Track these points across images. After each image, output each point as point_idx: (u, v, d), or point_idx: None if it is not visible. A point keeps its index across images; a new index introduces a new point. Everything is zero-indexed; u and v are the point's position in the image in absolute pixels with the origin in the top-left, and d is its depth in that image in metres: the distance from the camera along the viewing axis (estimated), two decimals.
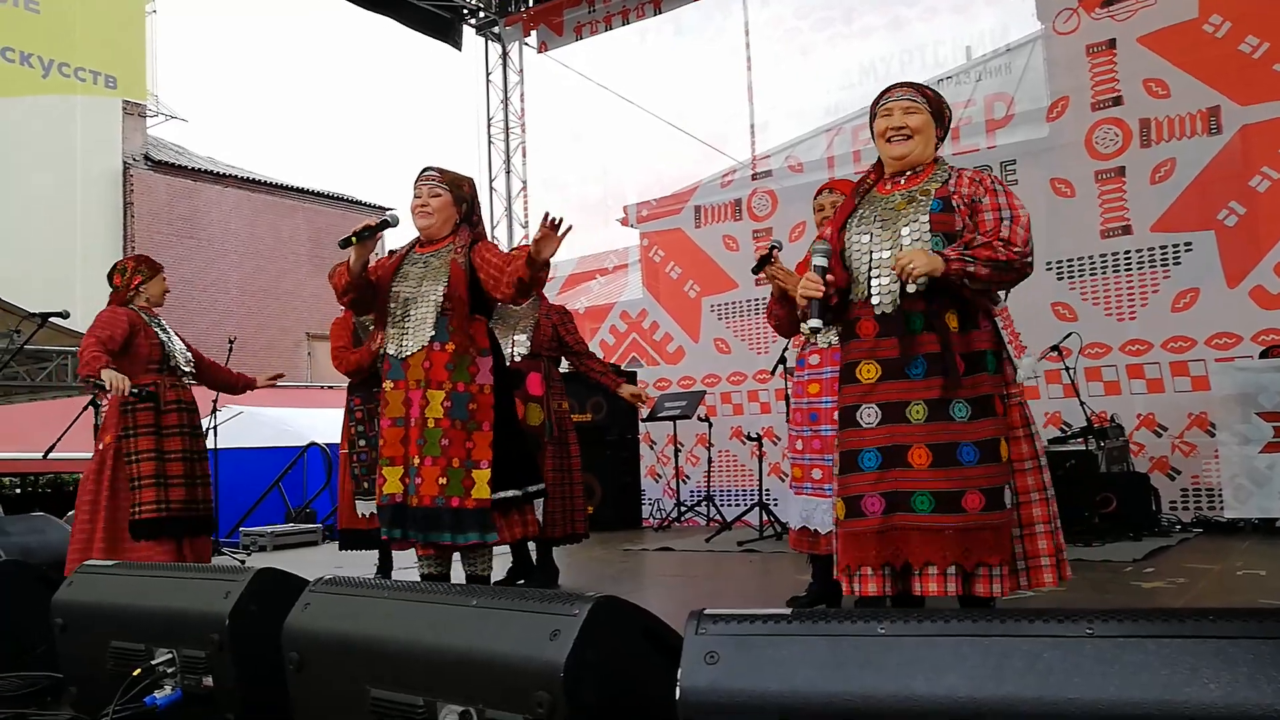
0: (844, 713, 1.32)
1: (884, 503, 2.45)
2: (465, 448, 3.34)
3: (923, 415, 2.45)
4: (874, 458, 2.48)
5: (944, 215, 2.51)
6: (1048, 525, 2.51)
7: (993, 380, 2.48)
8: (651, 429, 8.42)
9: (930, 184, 2.58)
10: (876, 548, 2.45)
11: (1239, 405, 5.62)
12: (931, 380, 2.45)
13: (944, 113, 2.68)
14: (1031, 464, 2.52)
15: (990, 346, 2.51)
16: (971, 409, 2.43)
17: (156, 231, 16.90)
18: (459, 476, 3.31)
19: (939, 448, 2.42)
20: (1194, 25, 6.47)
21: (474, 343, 3.42)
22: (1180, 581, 4.11)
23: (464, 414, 3.35)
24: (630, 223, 9.63)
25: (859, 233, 2.62)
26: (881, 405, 2.49)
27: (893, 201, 2.60)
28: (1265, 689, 1.16)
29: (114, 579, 2.66)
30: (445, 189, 3.51)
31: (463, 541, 3.31)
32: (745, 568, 5.42)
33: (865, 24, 8.33)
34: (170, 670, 2.37)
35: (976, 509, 2.38)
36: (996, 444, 2.43)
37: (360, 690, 1.91)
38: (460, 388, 3.37)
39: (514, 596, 1.81)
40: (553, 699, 1.58)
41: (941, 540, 2.39)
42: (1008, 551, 2.42)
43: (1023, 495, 2.50)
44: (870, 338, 2.54)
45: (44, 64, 12.22)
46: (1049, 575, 2.49)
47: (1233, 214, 6.29)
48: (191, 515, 4.36)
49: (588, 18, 9.47)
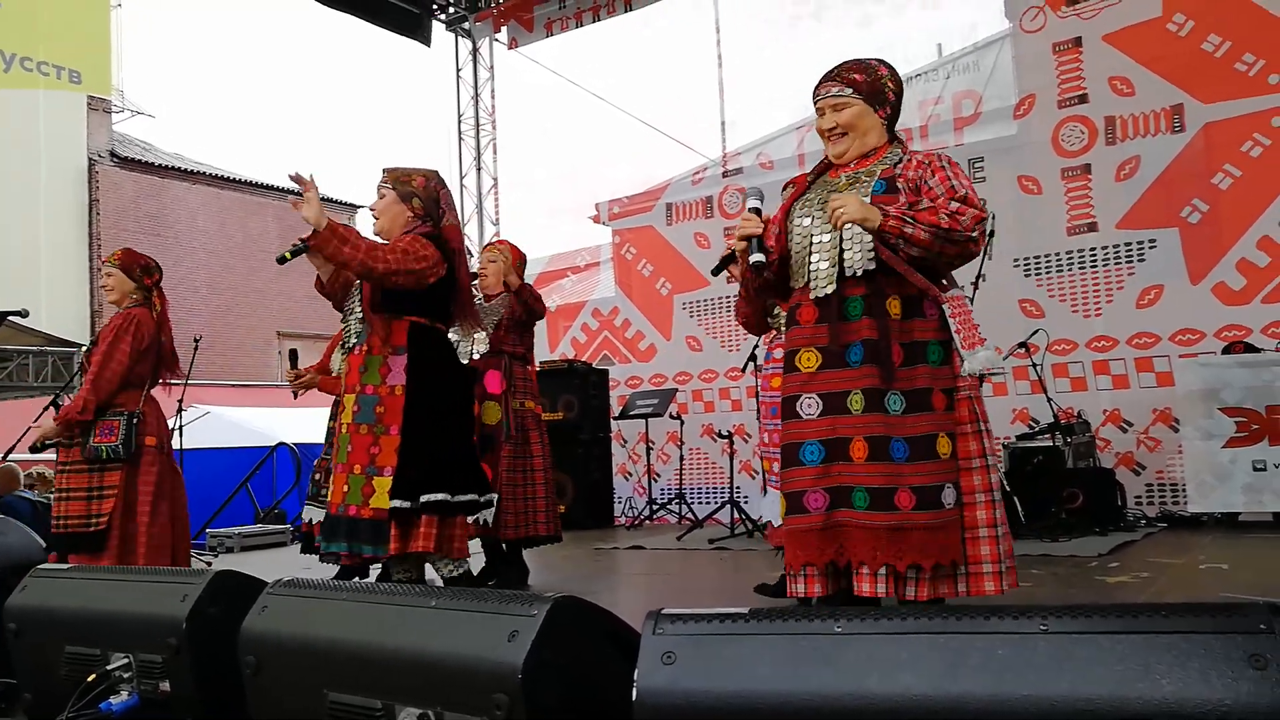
0: (800, 712, 1.32)
1: (827, 499, 2.33)
2: (369, 453, 3.19)
3: (860, 406, 2.32)
4: (816, 451, 2.35)
5: (886, 196, 2.38)
6: (992, 530, 2.33)
7: (933, 372, 2.34)
8: (623, 427, 8.41)
9: (878, 165, 2.47)
10: (819, 545, 2.32)
11: (1202, 401, 5.69)
12: (868, 369, 2.32)
13: (883, 90, 2.51)
14: (979, 462, 2.36)
15: (935, 337, 2.37)
16: (906, 402, 2.31)
17: (123, 229, 16.67)
18: (359, 484, 3.17)
19: (874, 440, 2.30)
20: (1158, 24, 6.54)
21: (388, 342, 3.26)
22: (1144, 576, 4.15)
23: (370, 417, 3.21)
24: (602, 220, 9.62)
25: (800, 216, 2.51)
26: (822, 395, 2.37)
27: (836, 184, 2.50)
28: (1217, 684, 1.16)
29: (69, 583, 2.61)
30: (389, 188, 3.41)
31: (356, 553, 3.17)
32: (716, 565, 5.42)
33: (835, 20, 8.41)
34: (126, 675, 2.33)
35: (908, 508, 2.25)
36: (932, 440, 2.29)
37: (318, 693, 1.88)
38: (369, 390, 3.24)
39: (472, 598, 1.79)
40: (511, 701, 1.56)
41: (874, 539, 2.26)
42: (948, 554, 2.27)
43: (967, 495, 2.33)
44: (810, 324, 2.43)
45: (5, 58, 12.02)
46: (990, 583, 2.31)
47: (1196, 211, 6.37)
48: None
49: (558, 14, 9.44)
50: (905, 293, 2.37)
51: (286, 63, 54.43)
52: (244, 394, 15.06)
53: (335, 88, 55.73)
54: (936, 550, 2.26)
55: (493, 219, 10.03)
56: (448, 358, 3.42)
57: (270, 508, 8.95)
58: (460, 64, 10.17)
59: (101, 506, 3.93)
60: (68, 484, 3.99)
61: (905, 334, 2.35)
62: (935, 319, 2.38)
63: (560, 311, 10.12)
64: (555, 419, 7.71)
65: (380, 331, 3.26)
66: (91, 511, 3.94)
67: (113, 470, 3.97)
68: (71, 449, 4.02)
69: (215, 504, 8.63)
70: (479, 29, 10.07)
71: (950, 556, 2.28)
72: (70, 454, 4.04)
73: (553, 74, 9.76)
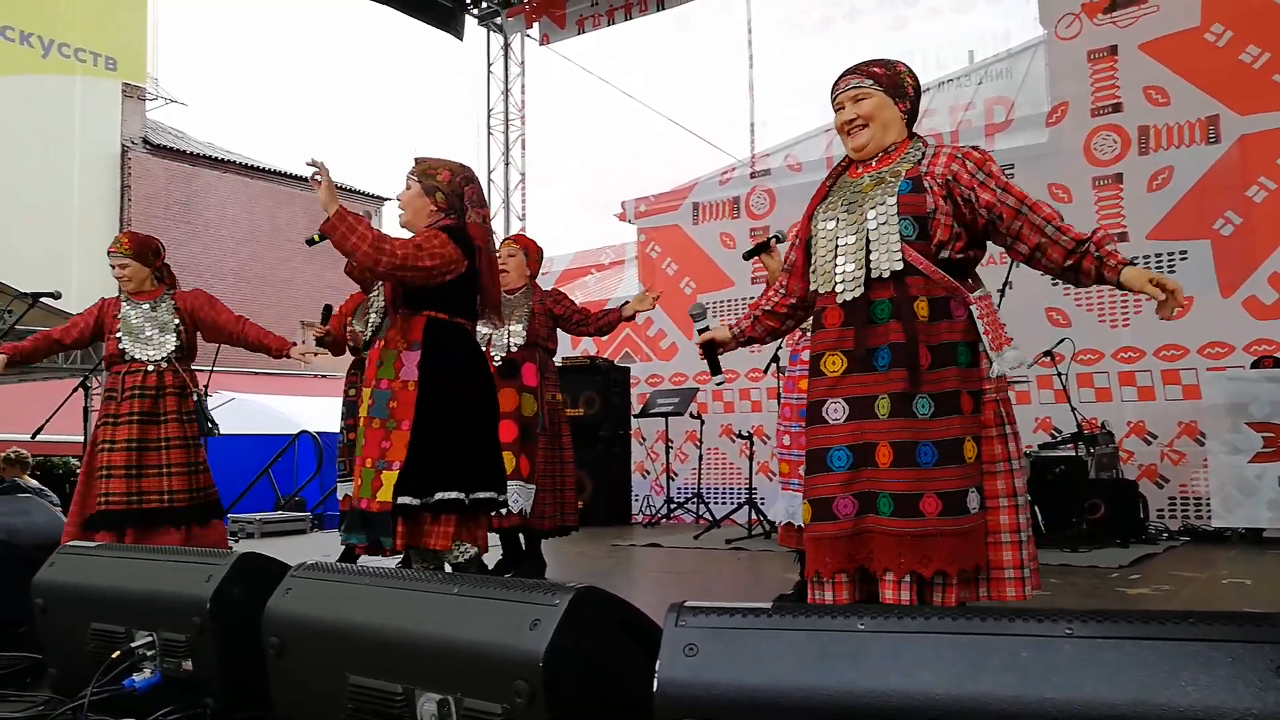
0: (821, 707, 1.32)
1: (856, 505, 2.28)
2: (380, 447, 3.19)
3: (887, 410, 2.27)
4: (844, 457, 2.30)
5: (912, 196, 2.32)
6: (1014, 535, 2.29)
7: (962, 374, 2.29)
8: (642, 425, 8.41)
9: (902, 164, 2.40)
10: (847, 552, 2.28)
11: (1229, 415, 5.63)
12: (895, 372, 2.27)
13: (902, 84, 2.45)
14: (1004, 466, 2.31)
15: (963, 338, 2.32)
16: (935, 405, 2.25)
17: (153, 215, 16.85)
18: (369, 477, 3.18)
19: (900, 446, 2.25)
20: (1195, 34, 6.47)
21: (404, 337, 3.25)
22: (1166, 589, 4.11)
23: (383, 412, 3.21)
24: (628, 218, 9.62)
25: (825, 219, 2.46)
26: (849, 400, 2.32)
27: (860, 184, 2.43)
28: (1243, 693, 1.16)
29: (96, 560, 2.65)
30: (415, 179, 3.37)
31: (374, 543, 3.18)
32: (733, 565, 5.41)
33: (867, 23, 8.33)
34: (150, 653, 2.36)
35: (933, 514, 2.20)
36: (959, 444, 2.25)
37: (339, 676, 1.90)
38: (383, 385, 3.24)
39: (495, 586, 1.80)
40: (531, 689, 1.57)
41: (899, 545, 2.21)
42: (974, 559, 2.24)
43: (991, 500, 2.29)
44: (835, 328, 2.38)
45: (44, 44, 12.16)
46: (1011, 589, 2.28)
47: (1229, 223, 6.30)
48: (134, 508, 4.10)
49: (590, 11, 9.45)
50: (933, 294, 2.32)
51: (319, 54, 54.80)
52: (268, 381, 15.18)
53: (366, 80, 56.05)
54: (963, 556, 2.22)
55: (519, 214, 10.06)
56: (467, 353, 3.37)
57: (291, 495, 9.02)
58: (491, 59, 10.21)
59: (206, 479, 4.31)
60: (198, 457, 4.28)
61: (933, 336, 2.30)
62: (963, 320, 2.33)
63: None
64: (576, 415, 7.73)
65: (399, 326, 3.27)
66: (200, 484, 4.27)
67: (198, 447, 4.32)
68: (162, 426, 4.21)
69: (237, 490, 8.71)
70: (511, 24, 10.10)
71: (975, 561, 2.25)
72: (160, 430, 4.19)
73: (583, 71, 9.79)
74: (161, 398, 4.22)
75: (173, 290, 4.41)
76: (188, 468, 4.22)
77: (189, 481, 4.21)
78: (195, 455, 4.28)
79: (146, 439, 4.16)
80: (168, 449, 4.19)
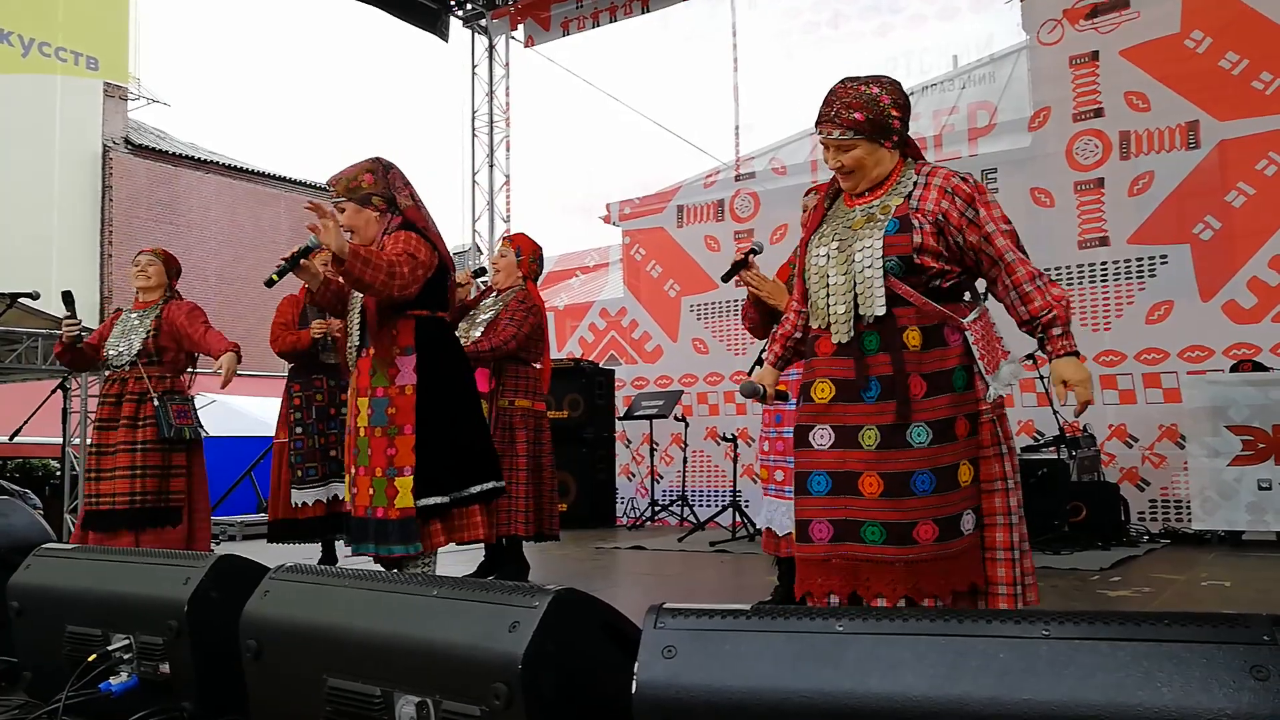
0: (800, 709, 1.32)
1: (831, 530, 2.32)
2: (387, 455, 3.20)
3: (874, 441, 2.29)
4: (824, 482, 2.34)
5: (899, 236, 2.32)
6: (1009, 552, 2.32)
7: (957, 399, 2.30)
8: (627, 428, 8.41)
9: (892, 197, 2.40)
10: (823, 576, 2.33)
11: (1209, 418, 5.67)
12: (885, 404, 2.29)
13: (887, 124, 2.40)
14: (1001, 485, 2.33)
15: (959, 363, 2.33)
16: (933, 433, 2.27)
17: (135, 216, 16.73)
18: (382, 486, 3.19)
19: (891, 477, 2.26)
20: (1176, 40, 6.53)
21: (395, 343, 3.25)
22: (1146, 590, 4.14)
23: (383, 419, 3.22)
24: (612, 220, 9.62)
25: (817, 250, 2.47)
26: (835, 428, 2.35)
27: (853, 218, 2.45)
28: (1218, 694, 1.16)
29: (72, 563, 2.62)
30: (345, 200, 3.34)
31: (385, 554, 3.19)
32: (716, 568, 5.42)
33: (852, 29, 8.36)
34: (127, 656, 2.34)
35: (929, 540, 2.23)
36: (955, 469, 2.27)
37: (317, 679, 1.89)
38: (379, 392, 3.24)
39: (475, 588, 1.79)
40: (510, 691, 1.57)
41: (891, 573, 2.24)
42: (967, 578, 2.28)
43: (989, 518, 2.32)
44: (827, 356, 2.41)
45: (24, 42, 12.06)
46: (1004, 604, 2.31)
47: (1208, 228, 6.35)
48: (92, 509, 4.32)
49: (575, 13, 9.45)
50: (925, 323, 2.33)
51: (302, 55, 54.58)
52: (250, 384, 15.08)
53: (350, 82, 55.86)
54: (955, 577, 2.26)
55: (504, 216, 10.04)
56: (452, 347, 3.43)
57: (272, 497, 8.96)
58: (476, 61, 10.19)
59: (176, 484, 4.36)
60: (142, 461, 4.29)
61: (926, 364, 2.31)
62: (959, 345, 2.34)
63: (568, 311, 10.13)
64: (560, 417, 7.71)
65: (387, 333, 3.26)
66: (169, 489, 4.35)
67: (179, 451, 4.39)
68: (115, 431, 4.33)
69: (218, 492, 8.64)
70: (495, 26, 10.09)
71: (969, 581, 2.28)
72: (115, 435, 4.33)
73: (568, 73, 9.78)
74: (121, 403, 4.38)
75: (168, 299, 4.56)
76: (131, 471, 4.27)
77: (131, 485, 4.26)
78: (142, 459, 4.30)
79: (104, 444, 4.37)
80: (114, 453, 4.33)
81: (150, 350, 4.40)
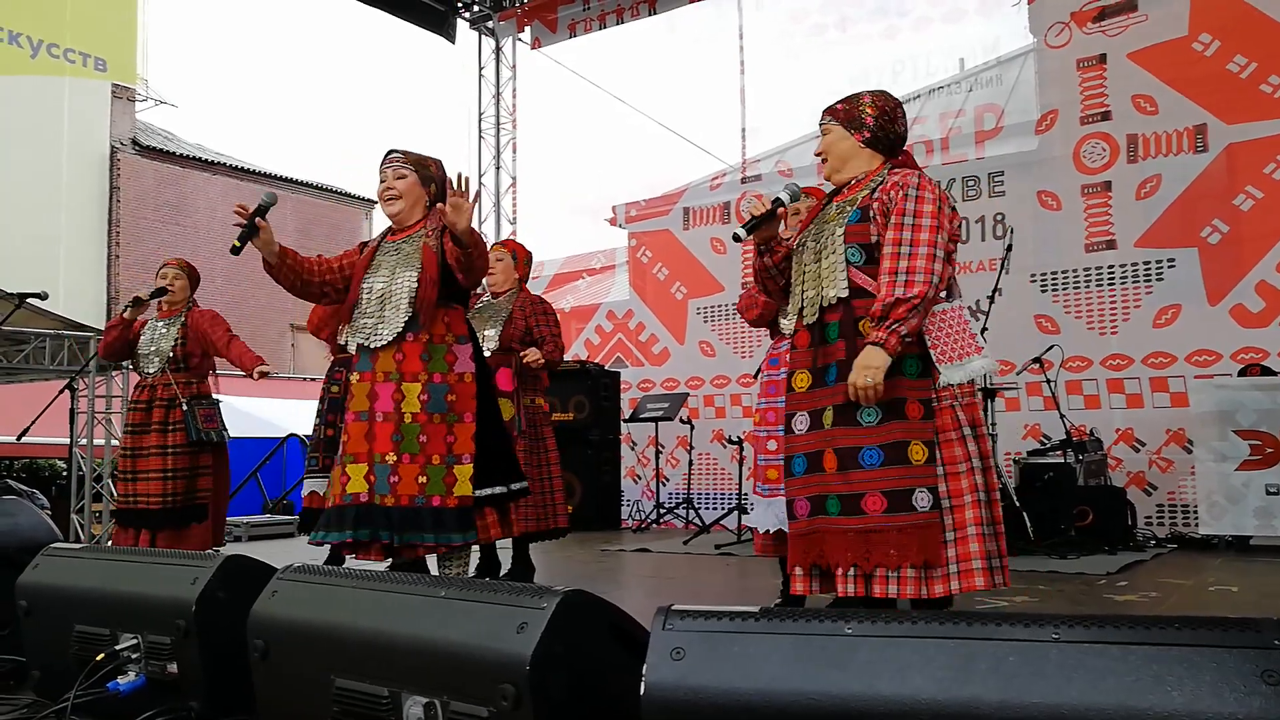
0: (809, 711, 1.32)
1: (809, 506, 2.55)
2: (446, 442, 3.18)
3: (830, 420, 2.52)
4: (802, 463, 2.58)
5: (859, 226, 2.55)
6: (979, 528, 2.45)
7: (911, 384, 2.48)
8: (633, 430, 8.41)
9: (861, 193, 2.62)
10: (803, 548, 2.56)
11: (1217, 423, 5.65)
12: (839, 386, 2.49)
13: (859, 115, 2.66)
14: (966, 466, 2.47)
15: (913, 351, 2.49)
16: (882, 413, 2.46)
17: (142, 217, 16.78)
18: (440, 474, 3.15)
19: (843, 452, 2.49)
20: (1184, 43, 6.51)
21: (451, 330, 3.28)
22: (1153, 595, 4.12)
23: (442, 406, 3.20)
24: (619, 223, 9.62)
25: (801, 242, 2.72)
26: (810, 413, 2.59)
27: (828, 214, 2.69)
28: (1229, 698, 1.16)
29: (80, 562, 2.63)
30: (410, 169, 3.36)
31: (445, 542, 3.16)
32: (722, 571, 5.41)
33: (859, 32, 8.36)
34: (134, 656, 2.34)
35: (877, 511, 2.42)
36: (904, 447, 2.44)
37: (325, 680, 1.89)
38: (437, 378, 3.22)
39: (482, 589, 1.79)
40: (518, 692, 1.57)
41: (845, 541, 2.45)
42: (920, 554, 2.39)
43: (956, 498, 2.45)
44: (804, 348, 2.64)
45: (33, 44, 12.10)
46: (980, 579, 2.44)
47: (1216, 232, 6.34)
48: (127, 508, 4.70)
49: (581, 15, 9.46)
50: None
51: (309, 56, 54.71)
52: (257, 384, 15.10)
53: (357, 83, 55.97)
54: (908, 551, 2.39)
55: (510, 218, 10.05)
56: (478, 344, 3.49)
57: (279, 498, 8.98)
58: (483, 62, 10.21)
59: (203, 483, 4.72)
60: (173, 465, 4.63)
61: None
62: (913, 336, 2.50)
63: (574, 313, 10.14)
64: (565, 419, 7.72)
65: (441, 320, 3.28)
66: (197, 487, 4.70)
67: (205, 452, 4.73)
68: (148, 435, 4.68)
69: None
70: (502, 28, 10.10)
71: (923, 557, 2.39)
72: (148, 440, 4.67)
73: (574, 75, 9.79)
74: (151, 409, 4.71)
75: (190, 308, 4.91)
76: (163, 474, 4.62)
77: (163, 487, 4.60)
78: (173, 463, 4.65)
79: (138, 447, 4.70)
80: (147, 456, 4.67)
81: (178, 357, 4.74)
